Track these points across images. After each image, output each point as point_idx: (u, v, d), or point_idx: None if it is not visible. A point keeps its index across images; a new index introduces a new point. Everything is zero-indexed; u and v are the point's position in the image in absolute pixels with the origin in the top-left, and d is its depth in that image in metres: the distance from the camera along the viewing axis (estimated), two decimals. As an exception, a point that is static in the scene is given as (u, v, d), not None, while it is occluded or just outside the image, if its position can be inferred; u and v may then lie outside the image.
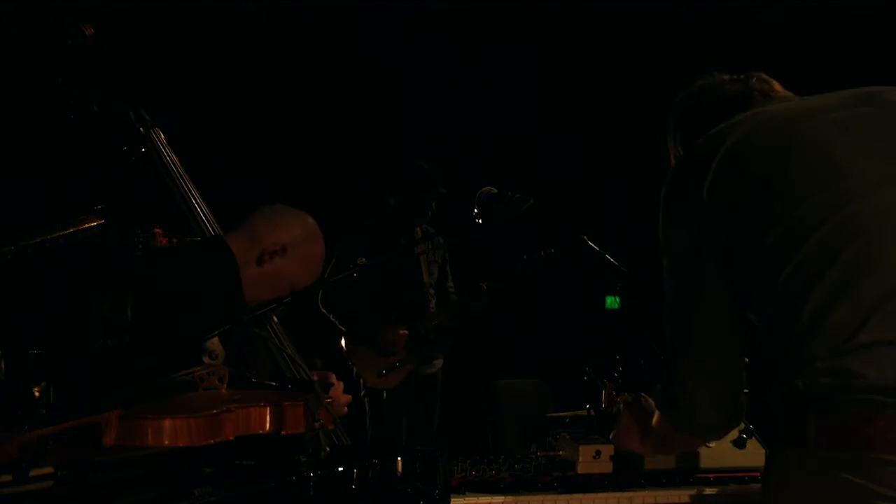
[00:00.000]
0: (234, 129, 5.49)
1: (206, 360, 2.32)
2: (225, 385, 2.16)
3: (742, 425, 3.02)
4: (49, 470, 1.73)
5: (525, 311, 6.10)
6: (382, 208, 5.03)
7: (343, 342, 4.87)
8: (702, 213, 1.84)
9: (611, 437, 2.42)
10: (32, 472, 1.71)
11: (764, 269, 1.78)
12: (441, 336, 4.95)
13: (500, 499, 2.64)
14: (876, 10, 5.36)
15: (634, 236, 5.70)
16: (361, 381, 4.84)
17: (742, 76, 2.13)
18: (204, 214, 2.71)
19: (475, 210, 3.43)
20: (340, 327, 4.86)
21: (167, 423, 1.73)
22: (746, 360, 1.93)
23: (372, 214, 5.06)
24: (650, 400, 2.22)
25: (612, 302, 6.46)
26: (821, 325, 1.69)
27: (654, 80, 5.93)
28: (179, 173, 2.70)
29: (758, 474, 2.93)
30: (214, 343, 2.37)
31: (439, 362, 5.01)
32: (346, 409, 2.77)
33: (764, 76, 2.12)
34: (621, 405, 2.92)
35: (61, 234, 2.30)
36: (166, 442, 1.73)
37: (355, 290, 4.77)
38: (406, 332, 4.81)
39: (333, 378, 2.71)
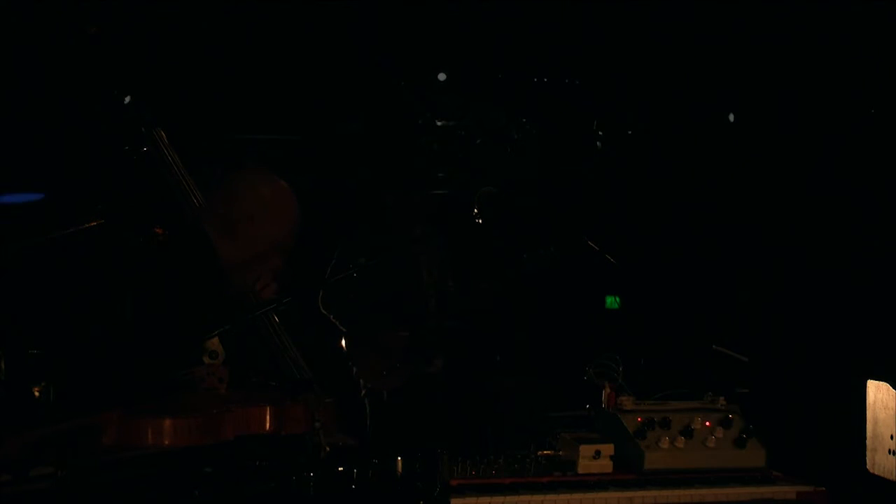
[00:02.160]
0: (234, 129, 5.49)
1: (206, 360, 2.32)
2: (225, 385, 2.16)
3: (741, 425, 3.01)
4: (49, 470, 1.72)
5: (525, 311, 6.09)
6: (381, 208, 5.02)
7: (343, 343, 4.86)
8: None
9: None
10: (32, 472, 1.71)
11: None
12: (440, 336, 4.94)
13: (500, 499, 2.64)
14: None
15: (634, 236, 5.71)
16: (361, 381, 4.84)
17: None
18: (204, 214, 2.70)
19: (475, 209, 3.43)
20: (340, 328, 4.86)
21: (167, 423, 1.74)
22: (745, 360, 1.93)
23: (371, 214, 5.05)
24: None
25: (612, 302, 6.47)
26: None
27: (656, 79, 5.94)
28: (181, 173, 2.69)
29: (759, 474, 2.94)
30: (214, 343, 2.37)
31: (439, 362, 5.01)
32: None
33: None
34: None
35: (61, 234, 2.30)
36: (166, 442, 1.73)
37: (355, 291, 4.77)
38: (406, 332, 4.80)
39: None
